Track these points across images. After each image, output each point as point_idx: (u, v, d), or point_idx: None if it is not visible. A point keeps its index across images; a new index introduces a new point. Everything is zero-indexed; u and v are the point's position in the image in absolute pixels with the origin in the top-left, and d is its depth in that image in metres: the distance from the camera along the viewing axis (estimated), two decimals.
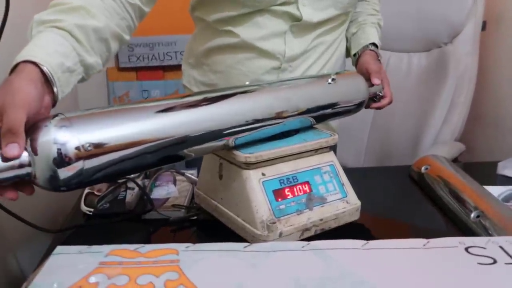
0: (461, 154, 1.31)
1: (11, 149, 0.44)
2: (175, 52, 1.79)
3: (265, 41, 0.84)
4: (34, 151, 0.46)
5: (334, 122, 1.00)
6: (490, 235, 0.64)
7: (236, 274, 0.42)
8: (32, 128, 0.47)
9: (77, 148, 0.47)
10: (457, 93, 1.35)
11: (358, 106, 0.81)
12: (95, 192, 0.78)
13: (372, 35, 0.93)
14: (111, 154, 0.49)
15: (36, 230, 0.63)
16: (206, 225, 0.72)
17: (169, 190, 0.82)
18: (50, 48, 0.51)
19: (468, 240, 0.49)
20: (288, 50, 0.85)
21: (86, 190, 0.78)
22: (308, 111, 0.71)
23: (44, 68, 0.49)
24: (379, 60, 0.90)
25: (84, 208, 0.75)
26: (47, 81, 0.50)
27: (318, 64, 0.90)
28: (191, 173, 0.87)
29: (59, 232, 0.69)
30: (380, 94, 0.87)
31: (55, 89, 0.51)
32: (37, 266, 0.62)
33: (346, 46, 0.97)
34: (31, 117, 0.47)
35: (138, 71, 1.82)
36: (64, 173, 0.47)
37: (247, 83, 0.73)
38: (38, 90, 0.48)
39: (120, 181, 0.79)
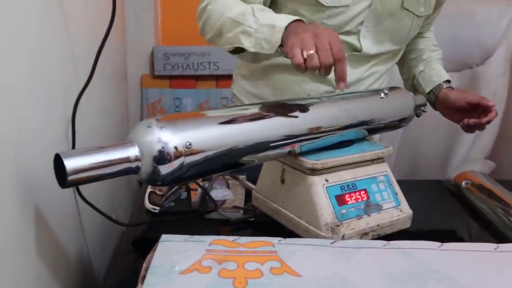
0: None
1: None
2: (209, 62, 1.85)
3: None
4: (141, 149, 0.51)
5: (375, 136, 1.05)
6: None
7: (331, 265, 0.47)
8: (137, 128, 0.52)
9: (177, 146, 0.52)
10: None
11: (407, 121, 0.86)
12: (157, 192, 0.83)
13: (443, 72, 0.98)
14: (205, 153, 0.54)
15: (102, 223, 0.68)
16: (263, 226, 0.77)
17: (224, 193, 0.86)
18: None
19: None
20: None
21: (149, 189, 0.83)
22: (365, 122, 0.76)
23: None
24: None
25: (149, 205, 0.79)
26: None
27: None
28: (242, 178, 0.92)
29: (130, 226, 0.73)
30: (425, 110, 0.92)
31: None
32: (112, 254, 0.67)
33: (412, 82, 1.01)
34: None
35: (171, 79, 1.87)
36: (165, 169, 0.52)
37: (308, 95, 0.78)
38: None
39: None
